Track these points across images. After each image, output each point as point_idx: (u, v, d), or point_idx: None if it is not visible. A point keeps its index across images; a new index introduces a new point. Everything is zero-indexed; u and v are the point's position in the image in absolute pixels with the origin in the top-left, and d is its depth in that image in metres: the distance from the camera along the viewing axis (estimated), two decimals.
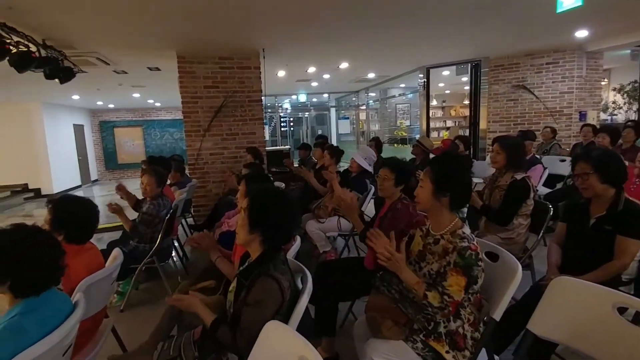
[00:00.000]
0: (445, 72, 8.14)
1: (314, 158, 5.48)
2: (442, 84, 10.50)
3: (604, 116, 8.76)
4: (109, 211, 3.07)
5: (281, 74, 7.48)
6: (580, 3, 3.67)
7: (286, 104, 13.39)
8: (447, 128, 11.72)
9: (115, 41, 4.63)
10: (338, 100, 14.02)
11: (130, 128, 13.37)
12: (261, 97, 5.59)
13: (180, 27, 4.21)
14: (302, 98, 12.35)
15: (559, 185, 4.81)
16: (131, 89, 8.72)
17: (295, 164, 5.77)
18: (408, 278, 1.49)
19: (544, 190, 4.48)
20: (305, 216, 3.81)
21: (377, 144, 5.60)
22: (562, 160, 4.90)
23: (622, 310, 1.26)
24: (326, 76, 8.32)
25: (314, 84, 9.53)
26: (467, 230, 1.52)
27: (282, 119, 13.69)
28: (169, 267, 3.95)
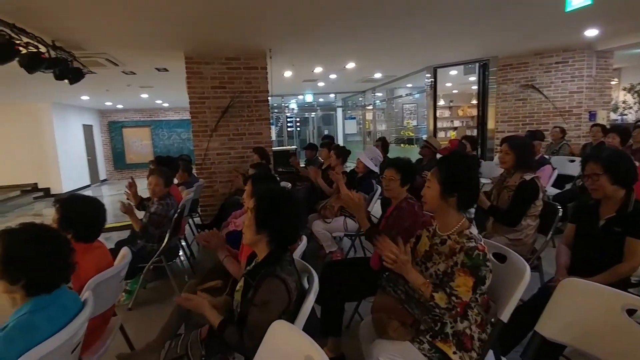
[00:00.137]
0: (453, 72, 8.09)
1: (320, 158, 5.48)
2: (449, 84, 10.44)
3: (614, 116, 8.64)
4: (122, 210, 3.10)
5: (288, 74, 7.50)
6: (589, 2, 3.63)
7: (293, 104, 13.40)
8: (455, 128, 11.63)
9: (124, 42, 4.67)
10: (344, 100, 14.01)
11: (139, 128, 13.48)
12: (268, 98, 5.60)
13: (188, 28, 4.23)
14: (309, 98, 12.35)
15: (568, 186, 4.76)
16: (139, 90, 8.80)
17: (302, 164, 5.78)
18: (414, 279, 1.49)
19: (552, 191, 4.44)
20: (312, 216, 3.81)
21: (383, 144, 5.59)
22: (572, 161, 4.85)
23: (631, 312, 1.25)
24: (333, 76, 8.31)
25: (321, 84, 9.53)
26: (475, 230, 1.51)
27: (288, 119, 13.73)
28: (176, 266, 3.98)
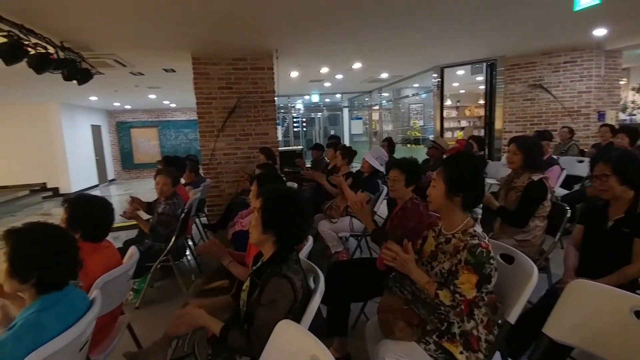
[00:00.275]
0: (460, 72, 8.05)
1: (326, 158, 5.49)
2: (456, 84, 10.38)
3: (623, 116, 8.53)
4: (125, 217, 3.10)
5: (294, 74, 7.51)
6: (598, 1, 3.59)
7: (299, 105, 13.42)
8: (462, 128, 11.57)
9: (131, 43, 4.72)
10: (351, 100, 14.00)
11: (146, 129, 13.60)
12: (274, 98, 5.62)
13: (195, 29, 4.26)
14: (315, 98, 12.36)
15: (577, 187, 4.71)
16: (147, 90, 8.87)
17: (308, 165, 5.78)
18: (419, 278, 1.50)
19: (561, 191, 4.40)
20: (318, 216, 3.82)
21: (389, 145, 5.58)
22: (580, 161, 4.80)
23: None
24: (339, 76, 8.31)
25: (327, 84, 9.53)
26: (479, 229, 1.51)
27: (294, 120, 13.76)
28: (183, 265, 4.00)
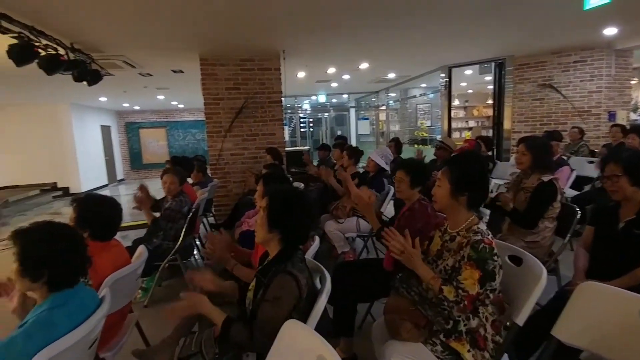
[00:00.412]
0: (468, 72, 7.99)
1: (333, 159, 5.48)
2: (464, 84, 10.31)
3: (634, 116, 8.41)
4: (135, 201, 3.17)
5: (301, 75, 7.52)
6: (608, 0, 3.54)
7: (306, 105, 13.44)
8: (470, 128, 11.48)
9: (140, 44, 4.77)
10: (358, 100, 13.98)
11: (155, 129, 13.74)
12: (281, 98, 5.64)
13: (203, 30, 4.29)
14: (322, 99, 12.37)
15: (587, 188, 4.65)
16: (156, 91, 8.96)
17: (314, 164, 5.78)
18: (424, 273, 1.50)
19: (571, 192, 4.35)
20: (324, 217, 3.82)
21: (396, 145, 5.55)
22: (591, 162, 4.74)
23: None
24: (346, 77, 8.31)
25: (334, 84, 9.53)
26: (483, 226, 1.52)
27: (301, 120, 13.76)
28: (190, 264, 4.03)
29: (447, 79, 7.36)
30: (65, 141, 10.44)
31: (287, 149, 6.40)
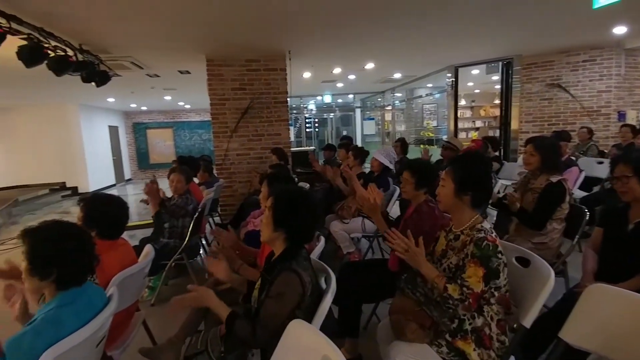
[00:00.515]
0: (475, 71, 7.93)
1: (338, 159, 5.48)
2: (471, 83, 10.24)
3: None
4: (145, 191, 3.21)
5: (307, 75, 7.52)
6: None
7: (311, 105, 13.44)
8: (476, 128, 11.40)
9: (148, 46, 4.80)
10: (363, 101, 13.94)
11: (162, 129, 13.85)
12: (287, 99, 5.65)
13: (209, 31, 4.31)
14: (327, 99, 12.35)
15: (596, 189, 4.60)
16: (163, 92, 9.02)
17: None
18: (428, 272, 1.51)
19: (579, 193, 4.30)
20: (330, 217, 3.82)
21: (402, 145, 5.54)
22: (600, 162, 4.69)
23: None
24: (351, 77, 8.30)
25: (339, 84, 9.53)
26: (487, 225, 1.52)
27: (307, 120, 13.75)
28: (196, 264, 4.05)
29: (454, 79, 7.32)
30: (74, 141, 10.55)
31: (292, 149, 6.41)
